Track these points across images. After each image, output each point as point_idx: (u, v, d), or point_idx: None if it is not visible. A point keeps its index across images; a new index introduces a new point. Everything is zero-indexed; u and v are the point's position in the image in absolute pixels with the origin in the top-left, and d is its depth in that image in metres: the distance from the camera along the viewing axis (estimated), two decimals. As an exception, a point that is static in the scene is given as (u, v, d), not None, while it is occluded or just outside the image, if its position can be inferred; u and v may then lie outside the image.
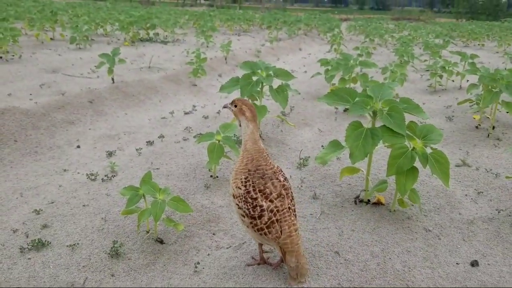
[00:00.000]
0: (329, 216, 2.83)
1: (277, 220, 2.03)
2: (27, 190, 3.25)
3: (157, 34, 13.26)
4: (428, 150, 2.64)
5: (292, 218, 2.08)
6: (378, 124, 2.77)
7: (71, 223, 2.63)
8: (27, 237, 2.49)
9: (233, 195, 2.11)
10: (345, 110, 5.70)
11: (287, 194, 2.11)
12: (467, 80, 7.81)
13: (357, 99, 2.83)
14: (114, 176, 3.44)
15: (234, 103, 2.14)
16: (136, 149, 4.06)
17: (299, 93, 4.53)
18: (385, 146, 2.91)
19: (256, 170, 2.08)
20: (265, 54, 11.43)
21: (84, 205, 2.91)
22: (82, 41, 9.84)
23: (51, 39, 10.91)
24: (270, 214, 2.02)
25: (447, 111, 5.73)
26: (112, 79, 6.28)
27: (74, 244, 2.36)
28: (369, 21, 26.76)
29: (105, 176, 3.42)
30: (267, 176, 2.08)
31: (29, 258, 2.26)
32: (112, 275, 2.15)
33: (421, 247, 2.51)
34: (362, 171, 3.02)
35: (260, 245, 2.25)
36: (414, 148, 2.62)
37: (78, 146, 4.21)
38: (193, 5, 61.80)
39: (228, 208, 2.96)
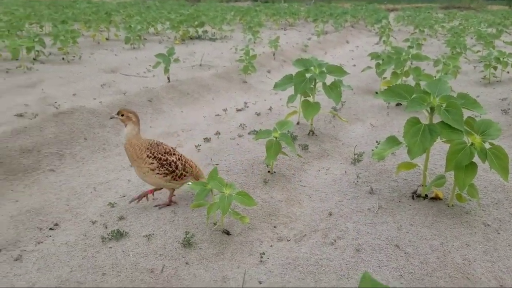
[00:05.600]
0: (387, 210, 2.90)
1: (185, 161, 2.90)
2: (99, 184, 3.53)
3: (206, 31, 13.55)
4: (487, 145, 2.66)
5: (191, 159, 3.02)
6: (435, 119, 2.81)
7: (144, 215, 2.85)
8: (106, 227, 2.72)
9: (150, 170, 2.75)
10: (397, 104, 5.68)
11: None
12: (525, 71, 7.53)
13: (414, 95, 2.87)
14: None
15: (120, 113, 2.75)
16: (195, 146, 4.27)
17: (352, 89, 4.58)
18: (442, 141, 2.93)
19: (151, 146, 2.78)
20: (312, 49, 11.45)
21: (153, 199, 3.13)
22: (136, 41, 10.24)
23: (106, 39, 11.43)
24: (179, 161, 2.85)
25: (502, 104, 5.59)
26: (168, 78, 6.55)
27: (149, 235, 2.57)
28: (418, 11, 26.00)
29: (169, 171, 3.63)
30: (158, 143, 2.83)
31: (110, 247, 2.48)
32: (187, 263, 2.34)
33: (480, 241, 2.54)
34: (419, 166, 3.06)
35: (172, 190, 2.96)
36: (472, 143, 2.64)
37: (141, 143, 4.47)
38: (237, 0, 62.11)
39: (287, 203, 3.09)
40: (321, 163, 3.86)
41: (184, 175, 2.87)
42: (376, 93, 6.48)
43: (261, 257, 2.43)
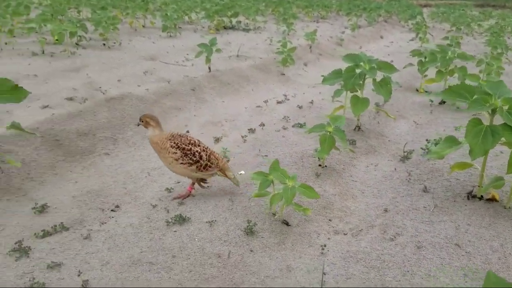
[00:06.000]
0: (442, 209, 2.91)
1: (210, 153, 2.95)
2: (153, 170, 3.62)
3: (239, 21, 13.58)
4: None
5: (215, 151, 3.05)
6: (496, 121, 2.80)
7: (202, 202, 2.93)
8: (168, 212, 2.81)
9: (174, 160, 2.85)
10: (440, 103, 5.63)
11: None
12: None
13: (476, 96, 2.86)
14: (228, 161, 3.72)
15: (141, 120, 2.94)
16: (241, 136, 4.33)
17: (401, 86, 4.57)
18: (501, 143, 2.92)
19: (173, 137, 2.89)
20: (347, 43, 11.38)
21: (208, 186, 3.21)
22: (172, 29, 10.34)
23: (143, 26, 11.57)
24: (203, 152, 2.91)
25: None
26: (209, 67, 6.62)
27: (211, 221, 2.64)
28: (452, 8, 25.46)
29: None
30: (182, 135, 2.94)
31: (175, 231, 2.57)
32: (251, 251, 2.41)
33: (541, 245, 2.54)
34: (476, 166, 3.05)
35: (198, 180, 3.06)
36: (536, 147, 2.63)
37: (188, 131, 4.56)
38: (265, -10, 61.57)
39: (340, 197, 3.13)
40: (369, 159, 3.88)
41: (210, 166, 2.91)
42: (417, 90, 6.43)
43: (322, 249, 2.48)
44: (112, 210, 2.94)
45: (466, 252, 2.43)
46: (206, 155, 2.91)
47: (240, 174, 3.43)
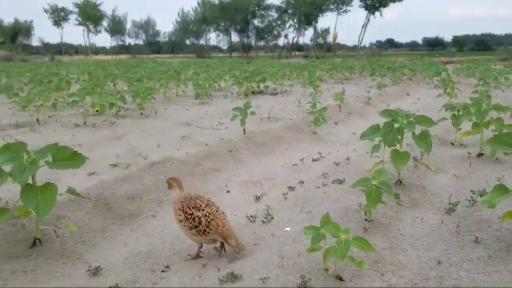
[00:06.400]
0: (497, 259, 2.84)
1: (211, 219, 2.97)
2: (198, 230, 3.67)
3: (267, 86, 14.04)
4: None
5: (222, 216, 3.04)
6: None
7: (252, 259, 2.94)
8: (219, 270, 2.83)
9: (179, 222, 3.02)
10: (478, 155, 5.59)
11: (213, 203, 3.09)
12: None
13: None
14: (272, 218, 3.75)
15: (168, 182, 3.17)
16: (282, 194, 4.38)
17: (439, 139, 4.59)
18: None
19: (185, 199, 3.06)
20: (374, 101, 11.55)
21: (255, 244, 3.23)
22: (204, 97, 10.78)
23: (176, 95, 12.10)
24: (205, 217, 2.97)
25: None
26: (244, 130, 6.82)
27: (264, 278, 2.65)
28: (476, 63, 25.70)
29: (265, 218, 3.74)
30: (194, 198, 3.07)
31: (228, 289, 2.58)
32: (307, 307, 2.39)
33: None
34: (529, 215, 2.99)
35: (201, 245, 3.11)
36: None
37: (228, 191, 4.65)
38: (288, 57, 64.08)
39: (391, 251, 3.09)
40: (414, 213, 3.84)
41: (208, 232, 2.96)
42: (452, 143, 6.41)
43: (379, 303, 2.44)
44: (162, 271, 2.98)
45: (532, 303, 2.34)
46: (206, 220, 2.96)
47: (286, 231, 3.45)
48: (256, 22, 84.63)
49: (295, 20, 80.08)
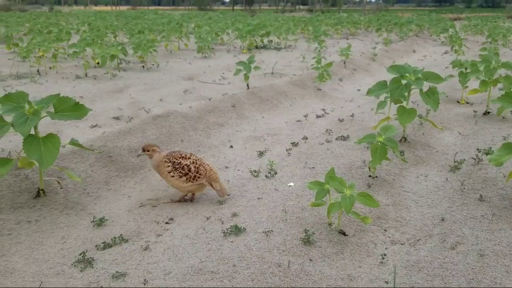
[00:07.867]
0: (501, 218, 2.84)
1: (199, 164, 3.14)
2: (202, 184, 3.67)
3: (271, 41, 13.76)
4: None
5: (208, 163, 3.25)
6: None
7: (255, 213, 2.95)
8: (222, 223, 2.84)
9: (168, 173, 3.11)
10: (485, 113, 5.52)
11: (195, 155, 3.24)
12: None
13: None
14: (275, 173, 3.74)
15: (145, 150, 3.15)
16: (286, 149, 4.35)
17: (447, 96, 4.51)
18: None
19: (168, 154, 3.17)
20: (380, 57, 11.34)
21: (259, 198, 3.23)
22: (207, 50, 10.57)
23: (178, 48, 11.88)
24: (193, 164, 3.12)
25: None
26: (247, 85, 6.72)
27: (267, 231, 2.66)
28: (484, 20, 25.05)
29: (268, 173, 3.73)
30: (176, 151, 3.20)
31: (232, 241, 2.59)
32: (311, 260, 2.40)
33: None
34: (535, 174, 2.97)
35: (185, 194, 3.28)
36: None
37: (231, 146, 4.62)
38: (292, 10, 62.50)
39: (394, 207, 3.10)
40: (418, 170, 3.83)
41: (198, 177, 3.13)
42: (458, 102, 6.33)
43: (382, 258, 2.45)
44: (166, 223, 3.00)
45: (534, 260, 2.35)
46: (195, 167, 3.13)
47: (289, 186, 3.45)
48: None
49: (301, -28, 77.49)
